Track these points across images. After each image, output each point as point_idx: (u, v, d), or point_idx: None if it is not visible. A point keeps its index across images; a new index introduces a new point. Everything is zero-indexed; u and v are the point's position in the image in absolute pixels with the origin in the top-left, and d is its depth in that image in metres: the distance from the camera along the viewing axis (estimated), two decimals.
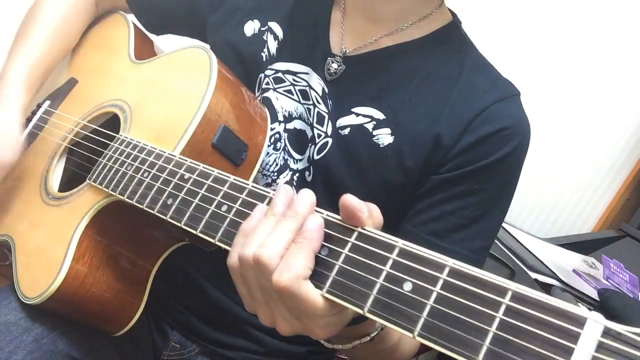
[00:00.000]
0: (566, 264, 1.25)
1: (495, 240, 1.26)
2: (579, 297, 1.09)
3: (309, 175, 0.75)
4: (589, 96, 1.61)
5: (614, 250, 1.38)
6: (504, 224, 1.36)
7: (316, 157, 0.74)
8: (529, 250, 1.26)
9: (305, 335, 0.47)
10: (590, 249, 1.36)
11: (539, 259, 1.22)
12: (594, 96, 1.61)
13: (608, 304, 1.01)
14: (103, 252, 0.68)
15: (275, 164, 0.76)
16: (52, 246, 0.68)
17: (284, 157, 0.76)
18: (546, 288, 1.10)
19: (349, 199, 0.44)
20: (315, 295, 0.43)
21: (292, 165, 0.76)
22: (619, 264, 1.20)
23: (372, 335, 0.56)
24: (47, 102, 0.90)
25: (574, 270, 1.22)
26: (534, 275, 1.13)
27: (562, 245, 1.35)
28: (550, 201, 1.68)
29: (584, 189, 1.66)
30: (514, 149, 0.70)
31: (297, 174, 0.75)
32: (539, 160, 1.61)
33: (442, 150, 0.69)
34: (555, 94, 1.62)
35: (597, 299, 1.07)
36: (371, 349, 0.62)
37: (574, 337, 0.32)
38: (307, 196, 0.47)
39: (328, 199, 0.70)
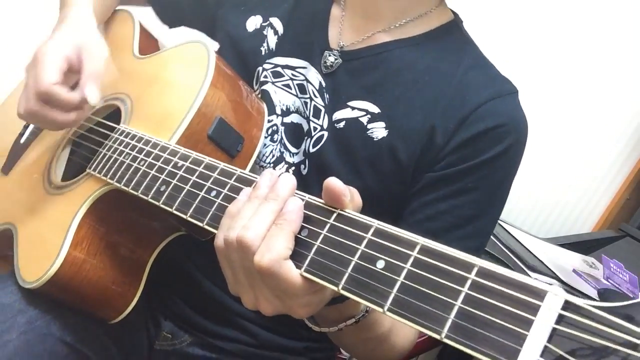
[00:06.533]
0: (566, 264, 1.25)
1: (495, 240, 1.26)
2: (579, 297, 1.09)
3: (305, 168, 0.76)
4: (589, 96, 1.61)
5: (614, 250, 1.37)
6: (504, 224, 1.36)
7: (311, 150, 0.75)
8: (529, 250, 1.26)
9: (287, 314, 0.48)
10: (590, 249, 1.36)
11: (539, 259, 1.22)
12: (594, 96, 1.61)
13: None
14: (101, 240, 0.70)
15: (271, 155, 0.77)
16: (51, 233, 0.70)
17: (280, 150, 0.77)
18: None
19: (334, 183, 0.45)
20: (294, 275, 0.44)
21: (288, 159, 0.77)
22: (619, 264, 1.19)
23: (357, 317, 0.57)
24: None
25: (574, 270, 1.22)
26: (534, 275, 1.13)
27: (562, 245, 1.34)
28: (550, 201, 1.68)
29: (584, 189, 1.66)
30: (508, 147, 0.69)
31: (293, 167, 0.77)
32: (539, 160, 1.61)
33: (436, 146, 0.69)
34: (555, 93, 1.62)
35: (597, 299, 1.06)
36: (359, 336, 0.62)
37: (534, 310, 0.33)
38: (288, 180, 0.48)
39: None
